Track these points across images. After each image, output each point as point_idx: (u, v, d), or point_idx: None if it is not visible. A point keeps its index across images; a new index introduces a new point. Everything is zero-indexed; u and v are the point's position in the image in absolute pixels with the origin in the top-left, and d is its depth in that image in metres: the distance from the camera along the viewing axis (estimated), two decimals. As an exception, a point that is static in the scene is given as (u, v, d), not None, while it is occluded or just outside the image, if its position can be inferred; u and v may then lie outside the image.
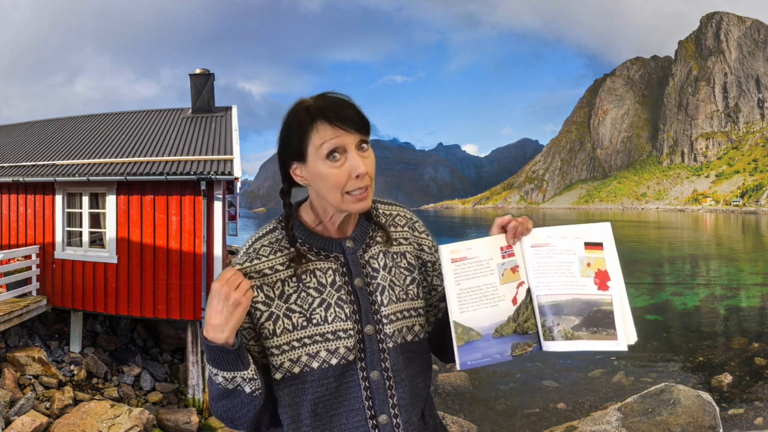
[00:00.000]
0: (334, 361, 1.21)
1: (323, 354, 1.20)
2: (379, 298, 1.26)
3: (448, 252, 1.24)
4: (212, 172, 10.30)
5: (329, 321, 1.22)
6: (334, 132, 1.15)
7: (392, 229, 1.36)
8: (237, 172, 10.48)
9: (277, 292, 1.22)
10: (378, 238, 1.32)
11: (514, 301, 1.24)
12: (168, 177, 10.32)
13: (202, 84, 14.83)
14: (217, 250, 10.56)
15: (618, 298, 1.21)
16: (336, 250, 1.27)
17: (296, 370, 1.21)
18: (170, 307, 10.58)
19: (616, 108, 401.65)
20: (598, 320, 1.21)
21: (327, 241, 1.27)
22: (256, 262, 1.23)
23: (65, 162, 11.57)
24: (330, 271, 1.25)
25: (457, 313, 1.22)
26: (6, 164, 12.04)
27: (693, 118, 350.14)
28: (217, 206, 10.61)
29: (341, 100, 1.19)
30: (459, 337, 1.21)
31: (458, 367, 1.22)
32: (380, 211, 1.37)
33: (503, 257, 1.25)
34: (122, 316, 11.39)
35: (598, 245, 1.23)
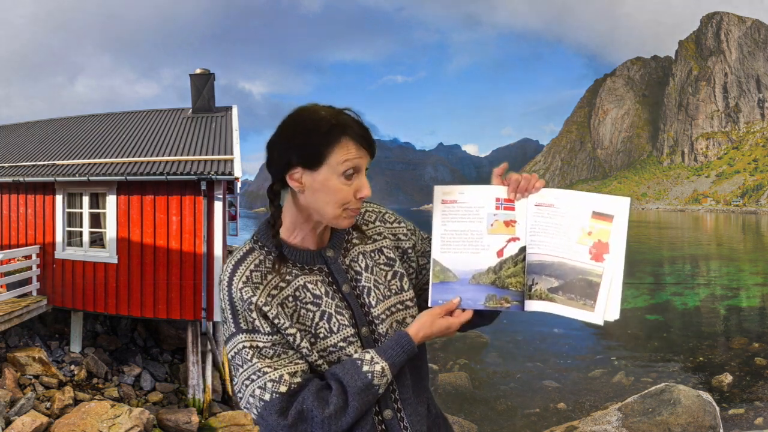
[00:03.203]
0: None
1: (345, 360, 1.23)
2: (367, 300, 1.28)
3: (440, 192, 1.24)
4: (212, 172, 10.30)
5: (335, 331, 1.23)
6: (358, 152, 1.17)
7: (365, 227, 1.36)
8: (237, 172, 10.48)
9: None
10: (354, 240, 1.33)
11: (500, 253, 1.23)
12: (168, 177, 10.31)
13: (203, 84, 14.83)
14: (218, 250, 10.56)
15: (610, 273, 1.17)
16: (318, 262, 1.27)
17: None
18: (170, 307, 10.59)
19: (616, 108, 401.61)
20: (581, 288, 1.18)
21: (307, 254, 1.26)
22: (260, 290, 1.20)
23: (65, 162, 11.57)
24: (319, 283, 1.25)
25: (438, 252, 1.23)
26: (6, 164, 12.04)
27: (693, 118, 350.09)
28: (218, 206, 10.61)
29: (363, 123, 1.19)
30: (435, 275, 1.22)
31: (429, 304, 1.22)
32: None
33: (497, 208, 1.24)
34: (122, 316, 11.39)
35: (608, 217, 1.19)
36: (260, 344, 1.17)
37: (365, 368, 1.17)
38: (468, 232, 1.23)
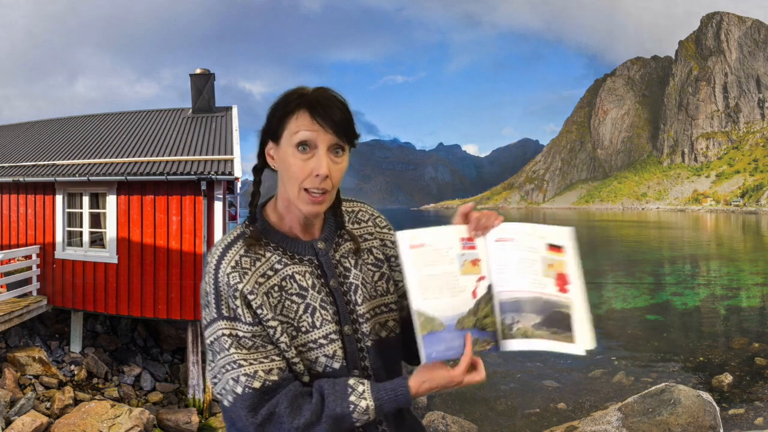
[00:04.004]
0: (337, 366, 1.21)
1: (323, 360, 1.20)
2: (353, 298, 1.26)
3: (407, 238, 1.18)
4: (212, 172, 10.31)
5: (318, 326, 1.21)
6: (312, 125, 1.13)
7: (357, 225, 1.35)
8: (237, 172, 10.48)
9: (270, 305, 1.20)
10: (346, 236, 1.32)
11: (474, 294, 1.20)
12: (168, 177, 10.32)
13: (203, 84, 14.83)
14: (218, 250, 10.56)
15: (578, 303, 1.17)
16: (309, 252, 1.25)
17: (306, 379, 1.20)
18: (170, 307, 10.59)
19: (616, 108, 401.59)
20: (560, 321, 1.17)
21: (299, 243, 1.25)
22: (247, 277, 1.18)
23: (66, 162, 11.57)
24: (307, 274, 1.23)
25: (420, 301, 1.16)
26: (6, 164, 12.04)
27: (693, 118, 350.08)
28: (218, 206, 10.61)
29: (333, 98, 1.16)
30: (423, 326, 1.15)
31: (423, 360, 1.15)
32: (343, 208, 1.35)
33: (463, 248, 1.20)
34: (122, 316, 11.39)
35: (560, 248, 1.19)
36: (240, 333, 1.14)
37: (352, 398, 1.13)
38: (444, 275, 1.18)
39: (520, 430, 9.96)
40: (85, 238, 11.20)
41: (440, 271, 1.18)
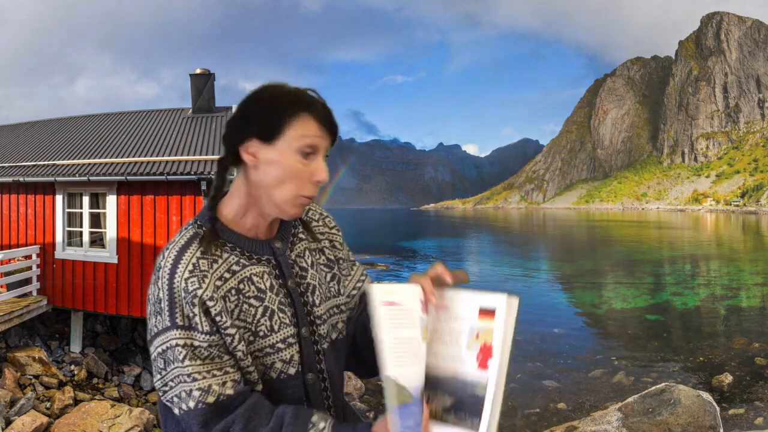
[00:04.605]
0: (292, 371, 1.17)
1: (279, 365, 1.16)
2: (311, 299, 1.22)
3: (381, 293, 1.07)
4: (213, 172, 10.31)
5: (276, 329, 1.15)
6: (318, 131, 1.10)
7: (310, 224, 1.32)
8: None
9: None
10: (300, 235, 1.28)
11: None
12: (168, 177, 10.32)
13: (203, 84, 14.83)
14: (218, 250, 10.57)
15: (493, 382, 0.99)
16: (266, 252, 1.19)
17: (259, 387, 1.14)
18: (170, 307, 10.58)
19: (616, 108, 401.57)
20: (470, 405, 1.01)
21: (256, 243, 1.18)
22: (206, 281, 1.09)
23: (66, 162, 11.57)
24: (265, 275, 1.17)
25: (392, 367, 1.03)
26: (6, 164, 12.04)
27: (693, 118, 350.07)
28: (218, 206, 10.61)
29: (327, 104, 1.14)
30: (396, 397, 1.02)
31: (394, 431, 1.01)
32: None
33: (423, 311, 1.09)
34: (122, 316, 11.39)
35: (491, 312, 1.01)
36: (195, 343, 1.06)
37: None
38: (411, 340, 1.06)
39: (520, 430, 9.96)
40: (85, 238, 11.20)
41: (408, 335, 1.07)
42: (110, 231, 10.90)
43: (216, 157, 11.20)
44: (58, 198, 11.26)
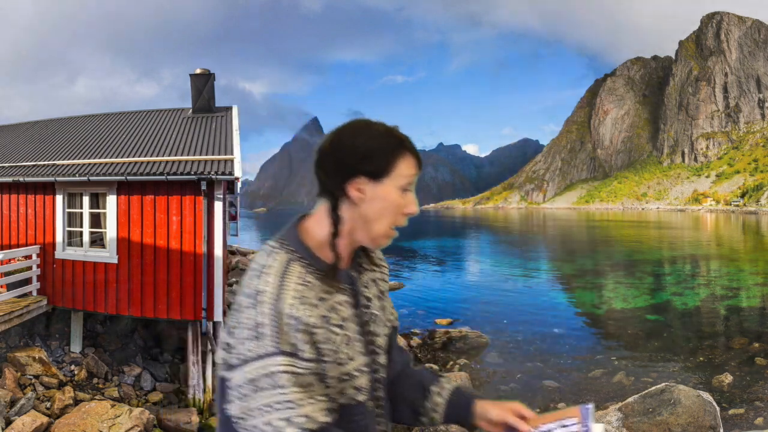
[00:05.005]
0: (361, 398, 1.20)
1: (350, 392, 1.18)
2: (374, 329, 1.27)
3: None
4: (213, 172, 10.31)
5: (353, 358, 1.18)
6: (416, 170, 1.21)
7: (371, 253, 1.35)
8: (237, 172, 10.48)
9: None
10: (364, 265, 1.32)
11: None
12: (168, 177, 10.32)
13: (203, 84, 14.83)
14: (218, 251, 10.57)
15: None
16: (346, 281, 1.23)
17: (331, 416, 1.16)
18: (171, 307, 10.59)
19: (616, 108, 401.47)
20: None
21: (339, 272, 1.21)
22: (311, 309, 1.12)
23: (66, 162, 11.57)
24: (345, 304, 1.20)
25: None
26: (6, 164, 12.04)
27: (693, 118, 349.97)
28: (218, 206, 10.61)
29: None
30: None
31: None
32: None
33: None
34: (123, 316, 11.39)
35: None
36: (298, 370, 1.07)
37: None
38: None
39: (520, 430, 9.95)
40: (85, 238, 11.20)
41: None
42: (110, 231, 10.89)
43: (216, 157, 11.19)
44: (58, 198, 11.25)
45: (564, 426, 1.23)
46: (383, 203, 1.17)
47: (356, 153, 1.15)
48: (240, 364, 1.07)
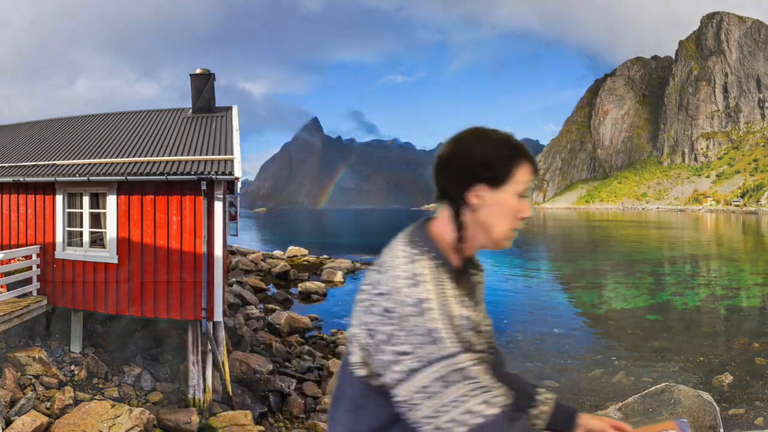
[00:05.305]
0: None
1: None
2: (487, 327, 1.34)
3: None
4: (213, 172, 10.30)
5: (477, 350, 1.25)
6: (532, 176, 1.26)
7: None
8: (237, 172, 10.48)
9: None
10: (472, 269, 1.37)
11: None
12: (168, 177, 10.31)
13: (203, 84, 14.83)
14: (218, 250, 10.56)
15: None
16: (467, 282, 1.31)
17: None
18: (171, 307, 10.59)
19: (616, 108, 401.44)
20: None
21: (462, 273, 1.29)
22: (470, 308, 1.21)
23: (66, 162, 11.57)
24: (468, 304, 1.25)
25: None
26: (6, 164, 12.04)
27: (693, 118, 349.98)
28: (218, 206, 10.61)
29: None
30: None
31: None
32: None
33: None
34: (123, 316, 11.39)
35: None
36: (478, 362, 1.15)
37: None
38: None
39: (520, 430, 9.96)
40: (85, 238, 11.20)
41: None
42: (110, 231, 10.89)
43: (216, 157, 11.19)
44: (58, 198, 11.25)
45: None
46: (501, 209, 1.22)
47: (476, 161, 1.20)
48: (422, 366, 1.10)
